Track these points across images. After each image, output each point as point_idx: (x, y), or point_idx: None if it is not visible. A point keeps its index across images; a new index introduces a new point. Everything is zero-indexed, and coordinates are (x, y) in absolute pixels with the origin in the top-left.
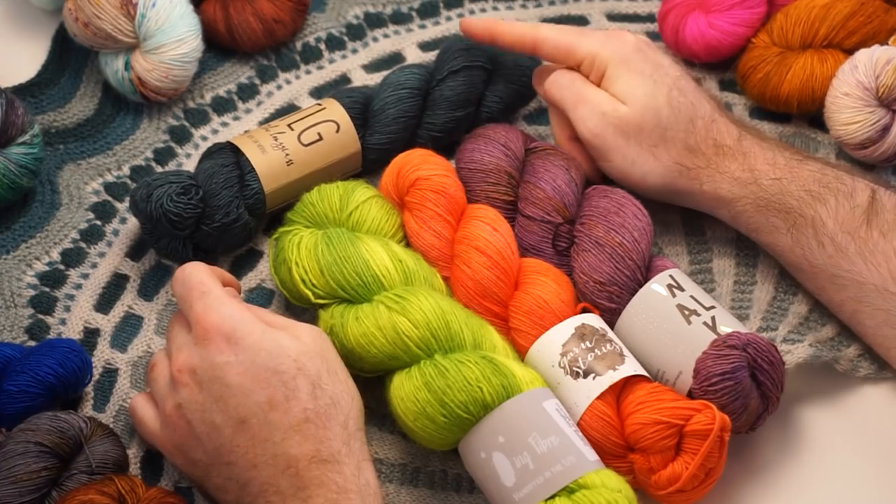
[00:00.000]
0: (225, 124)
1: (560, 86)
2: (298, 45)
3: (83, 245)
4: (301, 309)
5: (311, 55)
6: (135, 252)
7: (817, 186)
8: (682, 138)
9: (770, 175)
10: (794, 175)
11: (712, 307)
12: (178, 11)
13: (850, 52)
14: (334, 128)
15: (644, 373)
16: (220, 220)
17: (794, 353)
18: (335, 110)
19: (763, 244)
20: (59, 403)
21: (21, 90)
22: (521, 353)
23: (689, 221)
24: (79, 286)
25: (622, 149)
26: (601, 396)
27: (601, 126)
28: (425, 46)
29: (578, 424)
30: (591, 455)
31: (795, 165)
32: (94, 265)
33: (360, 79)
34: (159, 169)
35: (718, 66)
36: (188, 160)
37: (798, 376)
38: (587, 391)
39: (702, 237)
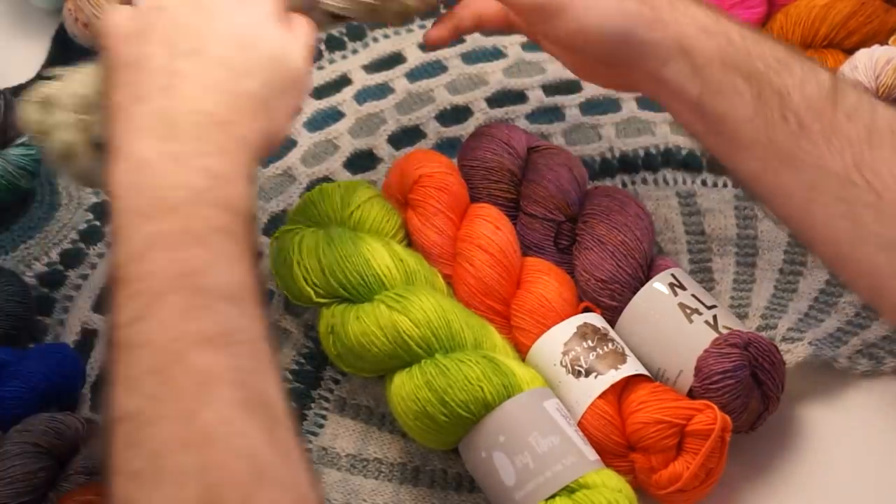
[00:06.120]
0: None
1: None
2: None
3: (82, 246)
4: (302, 308)
5: None
6: None
7: (783, 55)
8: None
9: (737, 32)
10: (761, 40)
11: (714, 306)
12: None
13: (850, 52)
14: None
15: (646, 372)
16: None
17: (794, 353)
18: None
19: (717, 112)
20: (56, 406)
21: (21, 90)
22: (522, 351)
23: (688, 220)
24: (78, 287)
25: None
26: (602, 395)
27: None
28: (425, 47)
29: (579, 423)
30: (592, 455)
31: (759, 35)
32: (94, 266)
33: (361, 79)
34: None
35: None
36: None
37: (797, 375)
38: (588, 390)
39: (701, 236)
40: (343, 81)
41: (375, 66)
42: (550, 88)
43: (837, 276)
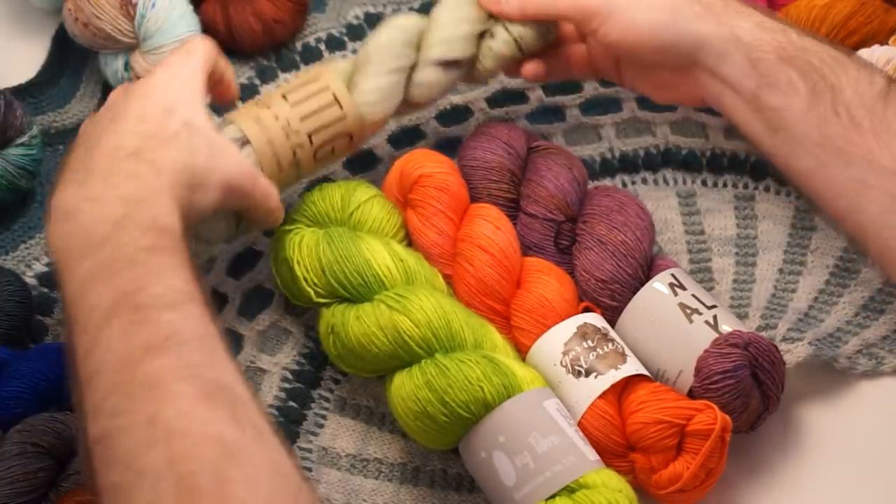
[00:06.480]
0: None
1: None
2: (298, 45)
3: None
4: (302, 308)
5: (311, 55)
6: None
7: (839, 54)
8: None
9: (793, 31)
10: (816, 40)
11: (714, 306)
12: (177, 12)
13: None
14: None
15: (646, 372)
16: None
17: (794, 353)
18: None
19: (773, 106)
20: (56, 406)
21: (21, 90)
22: (522, 351)
23: (688, 220)
24: None
25: None
26: (603, 395)
27: None
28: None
29: (579, 423)
30: (592, 455)
31: (816, 36)
32: None
33: None
34: None
35: None
36: None
37: (797, 375)
38: (589, 390)
39: (701, 236)
40: None
41: None
42: (551, 88)
43: (890, 277)
